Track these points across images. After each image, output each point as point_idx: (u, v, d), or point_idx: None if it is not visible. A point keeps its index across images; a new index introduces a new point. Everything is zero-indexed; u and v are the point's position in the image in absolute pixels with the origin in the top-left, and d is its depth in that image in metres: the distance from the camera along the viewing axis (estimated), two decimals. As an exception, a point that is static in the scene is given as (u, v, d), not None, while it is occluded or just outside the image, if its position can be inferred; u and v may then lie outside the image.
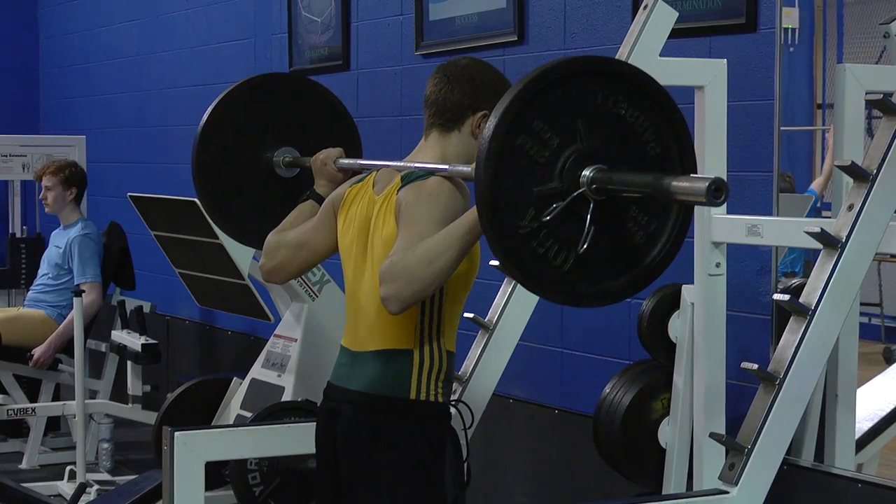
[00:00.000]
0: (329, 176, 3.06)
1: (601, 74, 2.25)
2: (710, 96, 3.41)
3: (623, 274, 2.30)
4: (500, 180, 2.18)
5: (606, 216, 2.23)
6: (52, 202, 5.99)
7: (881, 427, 3.61)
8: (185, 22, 6.72)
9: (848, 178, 2.63)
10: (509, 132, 2.18)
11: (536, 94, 2.20)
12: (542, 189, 2.20)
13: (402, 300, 2.45)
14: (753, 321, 3.62)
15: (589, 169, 2.21)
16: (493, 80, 2.78)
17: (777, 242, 3.43)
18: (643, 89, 2.28)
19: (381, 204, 2.72)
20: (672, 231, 2.31)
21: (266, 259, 2.96)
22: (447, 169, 2.64)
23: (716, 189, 2.04)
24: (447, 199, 2.59)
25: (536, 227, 2.20)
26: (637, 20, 3.33)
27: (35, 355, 5.80)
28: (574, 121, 2.22)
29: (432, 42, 4.88)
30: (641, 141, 2.27)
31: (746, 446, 2.44)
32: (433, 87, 2.77)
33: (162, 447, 3.03)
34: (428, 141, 2.78)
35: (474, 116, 2.73)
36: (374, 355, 2.68)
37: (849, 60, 3.54)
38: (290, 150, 3.30)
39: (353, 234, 2.78)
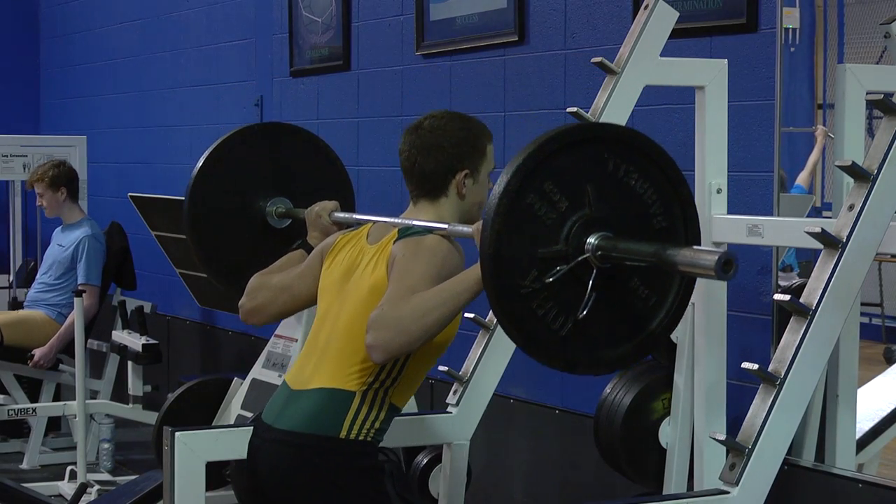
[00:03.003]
0: (323, 228, 3.06)
1: (615, 142, 2.25)
2: (711, 96, 3.41)
3: (619, 344, 2.29)
4: (507, 237, 2.17)
5: (608, 285, 2.23)
6: (47, 207, 6.02)
7: (882, 427, 3.61)
8: (185, 22, 6.72)
9: (848, 178, 2.63)
10: (520, 190, 2.17)
11: (550, 155, 2.19)
12: (546, 251, 2.20)
13: (389, 350, 2.45)
14: (754, 321, 3.62)
15: (595, 236, 2.21)
16: (463, 136, 2.74)
17: (777, 242, 3.42)
18: (655, 161, 2.28)
19: (374, 253, 2.71)
20: (672, 304, 2.31)
21: (246, 299, 2.95)
22: (446, 228, 2.64)
23: (725, 263, 2.04)
24: (444, 258, 2.58)
25: (538, 288, 2.19)
26: (638, 20, 3.33)
27: (35, 356, 5.80)
28: (584, 186, 2.21)
29: (433, 42, 4.88)
30: (649, 213, 2.27)
31: (747, 446, 2.44)
32: (406, 157, 2.76)
33: (162, 447, 3.03)
34: (418, 206, 2.78)
35: (456, 178, 2.73)
36: (314, 393, 2.67)
37: (849, 60, 3.54)
38: (283, 201, 3.29)
39: (336, 276, 2.78)
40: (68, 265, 5.95)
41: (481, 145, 2.76)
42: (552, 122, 4.31)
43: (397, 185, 5.08)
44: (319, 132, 5.61)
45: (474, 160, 2.74)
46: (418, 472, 3.63)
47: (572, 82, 4.26)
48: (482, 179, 2.77)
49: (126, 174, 7.28)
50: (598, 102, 3.32)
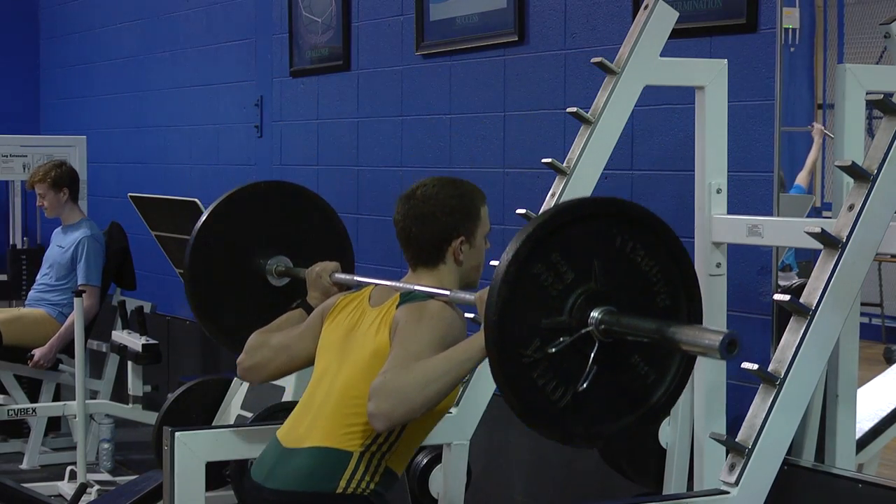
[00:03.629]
0: (323, 289, 3.06)
1: (625, 219, 2.26)
2: (711, 96, 3.41)
3: (618, 418, 2.29)
4: (512, 306, 2.17)
5: (609, 359, 2.23)
6: (49, 207, 6.02)
7: (882, 427, 3.61)
8: (185, 22, 6.71)
9: (848, 178, 2.63)
10: (528, 259, 2.18)
11: (560, 227, 2.20)
12: (550, 321, 2.20)
13: (392, 419, 2.45)
14: (754, 321, 3.62)
15: (598, 310, 2.21)
16: (456, 203, 2.76)
17: (777, 242, 3.42)
18: (662, 240, 2.29)
19: (377, 317, 2.72)
20: (672, 382, 2.32)
21: (246, 356, 2.96)
22: (448, 294, 2.65)
23: (729, 343, 2.05)
24: (447, 326, 2.59)
25: (540, 358, 2.19)
26: (637, 20, 3.33)
27: (35, 357, 5.80)
28: (591, 259, 2.22)
29: (433, 42, 4.87)
30: (653, 290, 2.28)
31: (747, 446, 2.44)
32: (401, 227, 2.78)
33: (162, 447, 3.03)
34: (417, 273, 2.79)
35: (452, 246, 2.74)
36: (309, 451, 2.66)
37: (849, 60, 3.54)
38: (282, 259, 3.29)
39: (336, 337, 2.78)
40: (68, 266, 5.95)
41: (475, 210, 2.78)
42: (552, 122, 4.31)
43: (397, 185, 5.09)
44: (319, 132, 5.63)
45: (469, 226, 2.77)
46: (418, 472, 3.63)
47: (572, 82, 4.26)
48: (478, 243, 2.79)
49: (126, 174, 7.28)
50: (598, 102, 3.32)
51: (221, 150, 6.37)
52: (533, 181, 4.33)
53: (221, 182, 6.34)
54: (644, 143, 3.97)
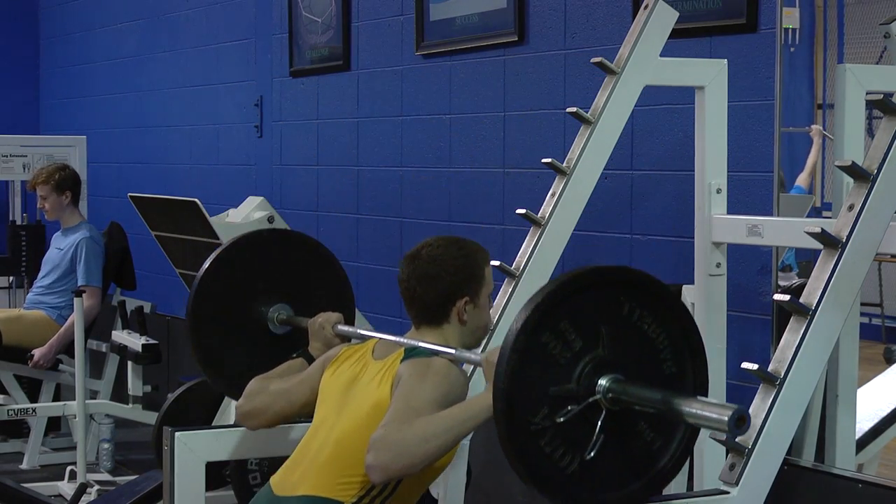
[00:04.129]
0: (325, 340, 3.05)
1: (633, 287, 2.27)
2: (711, 96, 3.41)
3: (624, 485, 2.29)
4: (521, 374, 2.18)
5: (616, 426, 2.24)
6: (50, 210, 6.01)
7: (882, 427, 3.61)
8: (185, 22, 6.72)
9: (848, 178, 2.63)
10: (537, 328, 2.18)
11: (568, 296, 2.21)
12: (558, 389, 2.20)
13: (389, 473, 2.44)
14: (753, 321, 3.62)
15: (606, 378, 2.22)
16: (461, 263, 2.77)
17: (777, 242, 3.42)
18: (669, 308, 2.30)
19: (380, 370, 2.71)
20: (677, 449, 2.32)
21: (244, 401, 2.95)
22: (454, 353, 2.66)
23: (738, 419, 2.05)
24: (451, 384, 2.59)
25: (548, 426, 2.20)
26: (637, 20, 3.33)
27: (35, 357, 5.80)
28: (599, 327, 2.23)
29: (432, 42, 4.88)
30: (659, 358, 2.29)
31: (747, 447, 2.44)
32: (406, 286, 2.78)
33: (162, 447, 3.03)
34: (420, 331, 2.79)
35: (456, 306, 2.75)
36: (300, 500, 2.64)
37: (849, 60, 3.54)
38: (284, 307, 3.27)
39: (337, 386, 2.78)
40: (67, 268, 5.95)
41: (479, 271, 2.79)
42: (552, 121, 4.32)
43: (396, 185, 5.09)
44: (319, 132, 5.63)
45: (473, 286, 2.77)
46: (418, 473, 3.62)
47: (572, 82, 4.26)
48: (482, 303, 2.80)
49: (126, 174, 7.28)
50: (598, 102, 3.32)
51: (221, 150, 6.38)
52: (533, 181, 4.33)
53: (221, 182, 6.34)
54: (644, 143, 3.97)
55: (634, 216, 4.02)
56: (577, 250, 3.91)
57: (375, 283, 5.09)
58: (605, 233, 4.09)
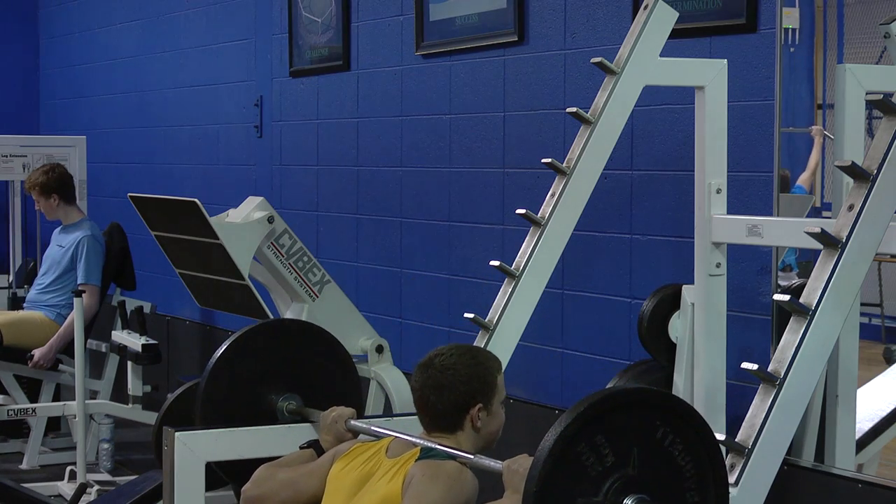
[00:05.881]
0: (337, 434, 3.06)
1: (670, 413, 2.29)
2: (711, 96, 3.41)
3: None
4: (552, 479, 2.20)
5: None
6: (45, 212, 6.06)
7: (881, 427, 3.61)
8: (185, 22, 6.71)
9: (848, 178, 2.63)
10: (575, 436, 2.22)
11: (610, 411, 2.25)
12: (585, 501, 2.22)
13: None
14: (753, 321, 3.62)
15: (632, 498, 2.23)
16: (474, 372, 2.78)
17: (777, 243, 3.42)
18: (701, 440, 2.31)
19: (392, 467, 2.72)
20: None
21: (251, 486, 2.95)
22: (472, 459, 2.67)
23: None
24: (461, 489, 2.61)
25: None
26: (637, 20, 3.33)
27: (35, 357, 5.80)
28: (631, 447, 2.25)
29: (432, 42, 4.87)
30: (684, 486, 2.30)
31: (747, 447, 2.44)
32: (419, 395, 2.79)
33: (162, 447, 3.04)
34: (432, 437, 2.80)
35: (470, 413, 2.77)
36: None
37: (849, 61, 3.54)
38: (294, 397, 3.28)
39: (348, 482, 2.78)
40: (67, 266, 5.95)
41: (492, 379, 2.81)
42: (552, 122, 4.31)
43: (396, 185, 5.09)
44: (319, 132, 5.63)
45: (486, 394, 2.79)
46: (418, 473, 3.62)
47: (572, 82, 4.26)
48: (495, 410, 2.82)
49: (126, 174, 7.28)
50: (598, 102, 3.33)
51: (221, 150, 6.37)
52: (533, 181, 4.33)
53: (221, 182, 6.34)
54: (644, 143, 3.97)
55: (634, 216, 4.02)
56: (577, 250, 3.91)
57: (375, 284, 5.08)
58: (604, 233, 4.09)
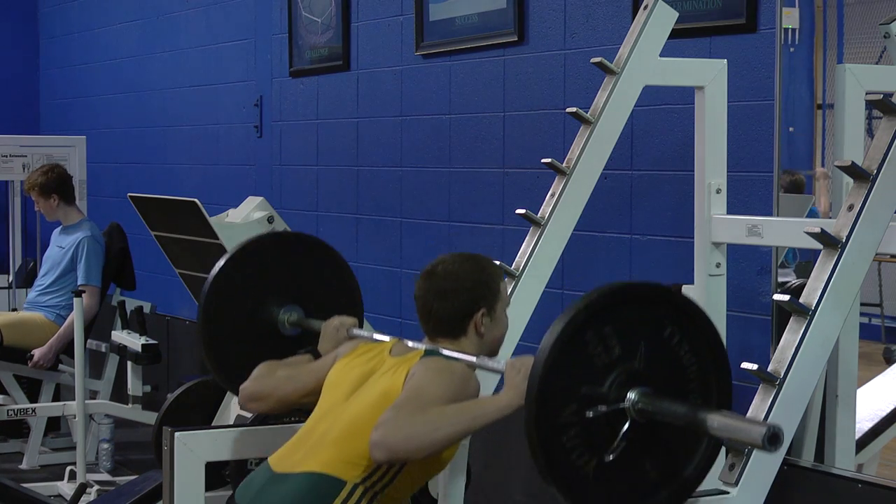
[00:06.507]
0: (338, 342, 3.07)
1: (680, 312, 2.31)
2: (711, 96, 3.41)
3: (632, 502, 2.31)
4: (559, 366, 2.21)
5: (638, 439, 2.26)
6: (45, 213, 6.05)
7: (881, 427, 3.61)
8: (185, 22, 6.72)
9: (848, 178, 2.63)
10: (584, 325, 2.22)
11: (620, 303, 2.26)
12: (590, 390, 2.24)
13: (393, 452, 2.46)
14: (753, 321, 3.62)
15: (636, 391, 2.25)
16: (477, 278, 2.80)
17: (777, 243, 3.42)
18: (708, 343, 2.33)
19: (395, 364, 2.74)
20: (692, 475, 2.35)
21: (250, 382, 2.97)
22: (475, 361, 2.68)
23: (772, 436, 2.07)
24: (464, 384, 2.61)
25: (573, 422, 2.22)
26: (637, 20, 3.33)
27: (35, 357, 5.79)
28: (639, 341, 2.27)
29: (432, 42, 4.87)
30: (688, 388, 2.31)
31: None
32: (423, 303, 2.80)
33: (162, 447, 3.03)
34: (436, 343, 2.80)
35: (474, 319, 2.78)
36: (302, 476, 2.65)
37: (849, 60, 3.54)
38: (295, 309, 3.29)
39: (350, 376, 2.79)
40: (67, 266, 5.94)
41: (495, 285, 2.82)
42: (552, 122, 4.31)
43: (396, 185, 5.09)
44: (319, 132, 5.63)
45: (490, 300, 2.80)
46: (418, 473, 3.62)
47: (572, 82, 4.26)
48: (499, 316, 2.83)
49: (125, 174, 7.28)
50: (598, 102, 3.33)
51: (221, 150, 6.38)
52: (533, 181, 4.33)
53: (221, 182, 6.34)
54: (644, 143, 3.97)
55: (634, 216, 4.02)
56: (577, 250, 3.91)
57: (375, 283, 5.08)
58: (604, 233, 4.09)
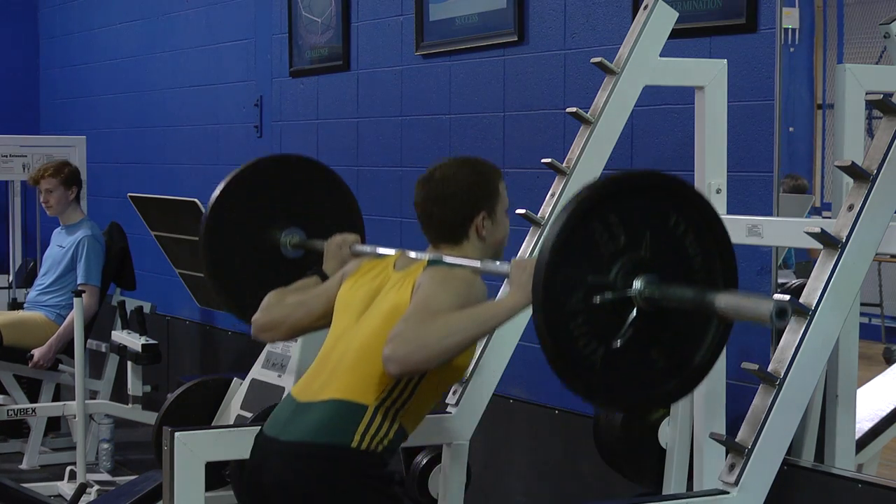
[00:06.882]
0: (342, 259, 3.08)
1: (685, 201, 2.32)
2: (711, 96, 3.41)
3: (639, 393, 2.33)
4: (566, 253, 2.22)
5: (644, 328, 2.27)
6: (55, 204, 5.99)
7: (881, 427, 3.61)
8: (185, 22, 6.72)
9: (848, 178, 2.63)
10: (589, 212, 2.23)
11: (627, 191, 2.27)
12: (596, 278, 2.25)
13: (406, 364, 2.46)
14: (753, 321, 3.62)
15: (643, 279, 2.26)
16: (475, 180, 2.79)
17: (777, 243, 3.42)
18: (713, 233, 2.34)
19: (401, 278, 2.73)
20: (700, 364, 2.35)
21: (261, 314, 2.97)
22: (478, 266, 2.67)
23: (780, 310, 2.08)
24: (470, 290, 2.61)
25: (580, 309, 2.23)
26: (637, 20, 3.33)
27: (35, 356, 5.80)
28: (645, 230, 2.28)
29: (432, 42, 4.88)
30: (693, 278, 2.32)
31: (746, 447, 2.44)
32: (422, 209, 2.80)
33: (162, 447, 3.03)
34: (439, 251, 2.80)
35: (474, 222, 2.77)
36: (325, 403, 2.67)
37: (849, 60, 3.54)
38: (297, 231, 3.29)
39: (358, 296, 2.80)
40: (68, 266, 5.94)
41: (494, 186, 2.81)
42: (552, 122, 4.31)
43: (397, 185, 5.09)
44: (319, 132, 5.63)
45: (489, 202, 2.79)
46: (418, 473, 3.63)
47: (572, 82, 4.26)
48: (499, 218, 2.82)
49: (126, 174, 7.28)
50: (598, 102, 3.32)
51: (221, 150, 6.38)
52: (533, 181, 4.33)
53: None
54: (644, 143, 3.97)
55: (634, 216, 4.01)
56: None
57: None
58: (604, 233, 4.09)
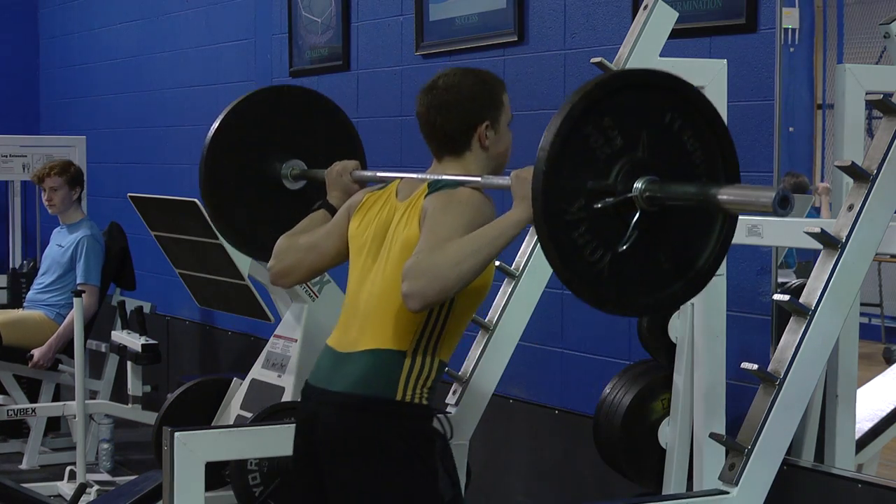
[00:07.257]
0: (344, 187, 3.06)
1: (678, 96, 2.28)
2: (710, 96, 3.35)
3: (652, 291, 2.32)
4: (562, 160, 2.20)
5: (649, 229, 2.26)
6: (59, 203, 5.99)
7: (881, 427, 3.61)
8: (185, 22, 6.72)
9: (848, 178, 2.63)
10: (581, 117, 2.20)
11: (616, 91, 2.23)
12: (596, 184, 2.23)
13: (426, 298, 2.45)
14: (753, 321, 3.62)
15: (642, 180, 2.24)
16: (479, 89, 2.75)
17: (777, 243, 3.42)
18: (711, 127, 2.31)
19: (405, 209, 2.71)
20: (706, 265, 2.34)
21: (275, 261, 2.94)
22: (479, 181, 2.65)
23: (782, 199, 2.07)
24: (476, 210, 2.59)
25: (583, 217, 2.22)
26: (637, 20, 3.33)
27: (35, 356, 5.80)
28: (640, 130, 2.25)
29: (432, 42, 4.88)
30: (694, 174, 2.30)
31: (746, 446, 2.44)
32: (425, 118, 2.76)
33: (162, 447, 3.03)
34: (443, 163, 2.77)
35: (477, 132, 2.74)
36: (363, 354, 2.66)
37: (849, 61, 3.54)
38: (297, 163, 3.29)
39: (369, 235, 2.78)
40: (67, 265, 5.94)
41: (497, 96, 2.77)
42: (552, 122, 4.31)
43: (397, 185, 5.09)
44: (319, 132, 5.63)
45: (493, 111, 2.75)
46: (418, 472, 3.62)
47: (572, 82, 4.26)
48: (503, 129, 2.78)
49: (126, 174, 7.28)
50: (598, 102, 3.32)
51: (221, 150, 6.37)
52: (533, 181, 4.33)
53: (221, 182, 6.34)
54: (644, 143, 3.97)
55: (634, 216, 4.01)
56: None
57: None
58: (604, 233, 4.09)
